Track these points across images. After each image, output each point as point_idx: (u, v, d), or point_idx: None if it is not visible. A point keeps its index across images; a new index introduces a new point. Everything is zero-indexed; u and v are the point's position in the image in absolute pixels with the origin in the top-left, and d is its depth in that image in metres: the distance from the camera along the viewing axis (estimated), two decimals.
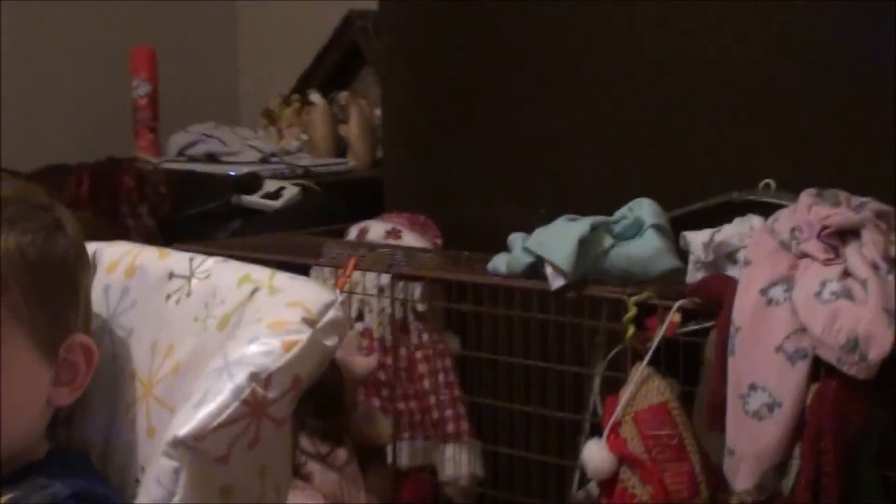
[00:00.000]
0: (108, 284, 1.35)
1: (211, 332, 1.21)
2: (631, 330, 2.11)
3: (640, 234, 2.27)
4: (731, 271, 2.08)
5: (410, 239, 2.86)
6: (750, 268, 2.00)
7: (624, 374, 2.15)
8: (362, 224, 2.91)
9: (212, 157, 3.52)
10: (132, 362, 1.29)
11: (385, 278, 2.73)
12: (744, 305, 1.96)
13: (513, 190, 2.91)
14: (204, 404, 1.09)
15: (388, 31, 3.19)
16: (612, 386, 2.21)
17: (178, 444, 1.07)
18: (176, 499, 1.07)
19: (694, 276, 2.15)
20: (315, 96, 3.70)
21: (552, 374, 2.37)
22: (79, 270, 1.28)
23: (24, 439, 1.21)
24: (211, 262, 1.28)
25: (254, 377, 1.10)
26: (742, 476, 1.94)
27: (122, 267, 1.35)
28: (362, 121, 3.63)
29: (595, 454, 2.08)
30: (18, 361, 1.19)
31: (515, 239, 2.29)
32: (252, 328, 1.14)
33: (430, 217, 2.95)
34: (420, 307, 2.74)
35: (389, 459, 2.58)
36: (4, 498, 1.16)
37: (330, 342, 1.14)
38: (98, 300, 1.33)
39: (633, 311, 2.11)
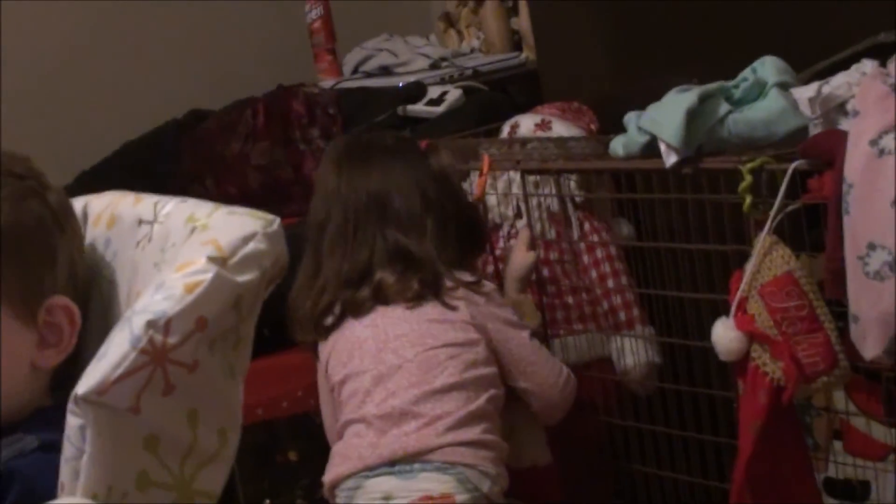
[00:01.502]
0: (94, 238, 1.35)
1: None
2: (748, 199, 1.99)
3: (762, 94, 2.13)
4: (845, 125, 1.93)
5: (561, 128, 2.77)
6: (858, 118, 1.85)
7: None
8: (513, 119, 2.84)
9: (385, 70, 3.50)
10: (117, 313, 1.28)
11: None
12: (854, 160, 1.82)
13: (670, 61, 2.79)
14: (104, 357, 1.07)
15: None
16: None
17: (78, 401, 1.06)
18: (85, 457, 1.05)
19: (813, 133, 2.01)
20: None
21: (685, 254, 2.28)
22: (56, 235, 1.27)
23: (12, 400, 1.22)
24: (171, 205, 1.27)
25: (151, 325, 1.07)
26: (870, 343, 1.82)
27: (104, 219, 1.35)
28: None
29: (723, 335, 1.98)
30: None
31: (630, 118, 2.19)
32: (163, 274, 1.12)
33: (588, 102, 2.86)
34: (578, 198, 2.67)
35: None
36: None
37: (244, 277, 1.10)
38: (88, 254, 1.33)
39: (748, 180, 1.99)
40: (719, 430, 2.39)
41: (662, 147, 2.10)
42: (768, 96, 2.12)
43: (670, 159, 2.08)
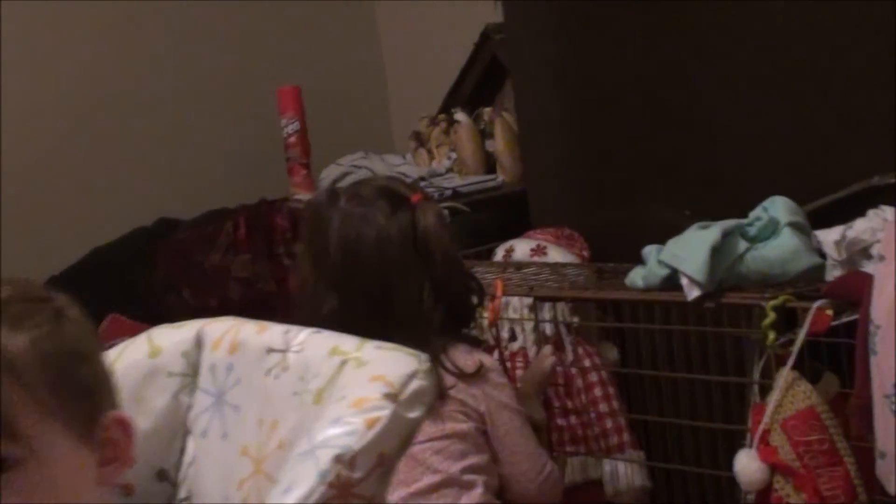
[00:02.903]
0: (213, 363, 1.38)
1: (308, 406, 1.23)
2: (771, 336, 2.08)
3: (775, 233, 2.23)
4: (868, 267, 2.03)
5: (556, 254, 2.86)
6: (884, 263, 1.95)
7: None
8: (508, 244, 2.92)
9: None
10: (242, 440, 1.32)
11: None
12: (881, 303, 1.92)
13: (657, 192, 2.89)
14: (291, 490, 1.11)
15: (514, 41, 3.19)
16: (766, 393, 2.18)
17: None
18: None
19: (831, 273, 2.10)
20: (460, 114, 3.71)
21: (699, 384, 2.35)
22: (93, 350, 1.30)
23: None
24: (304, 335, 1.30)
25: (338, 459, 1.11)
26: None
27: (225, 344, 1.38)
28: (508, 134, 3.63)
29: (746, 465, 2.06)
30: (60, 456, 1.19)
31: (650, 252, 2.27)
32: (336, 407, 1.16)
33: (576, 228, 2.95)
34: (574, 323, 2.74)
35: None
36: None
37: (414, 414, 1.15)
38: (206, 379, 1.37)
39: (771, 317, 2.07)
40: None
41: (685, 281, 2.18)
42: (782, 235, 2.22)
43: (693, 293, 2.17)
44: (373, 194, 2.25)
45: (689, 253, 2.17)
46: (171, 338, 1.43)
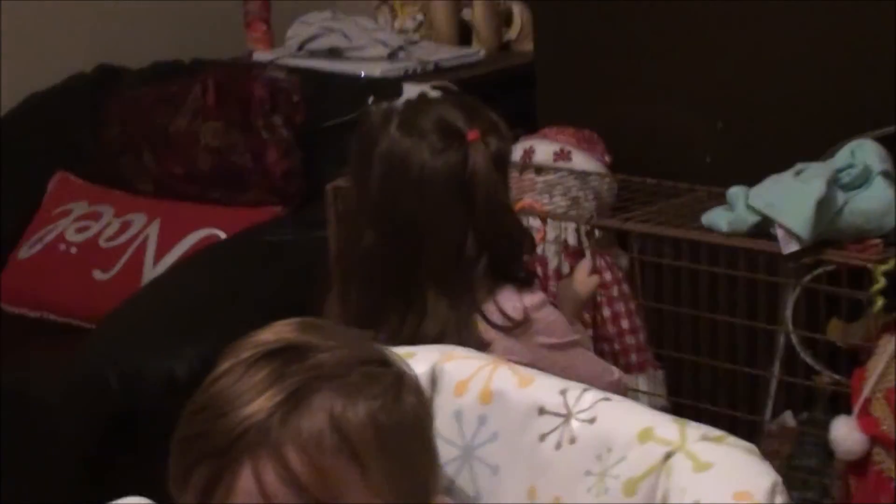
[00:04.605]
0: (459, 410, 1.21)
1: (614, 494, 1.09)
2: (880, 301, 1.99)
3: (868, 182, 2.13)
4: None
5: (580, 159, 2.72)
6: None
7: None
8: (527, 143, 2.76)
9: (336, 53, 3.34)
10: (501, 502, 1.18)
11: (559, 202, 2.62)
12: None
13: (684, 98, 2.76)
14: None
15: None
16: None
17: None
18: None
19: None
20: None
21: (742, 331, 2.27)
22: (428, 424, 1.15)
23: None
24: (589, 398, 1.16)
25: None
26: None
27: (474, 389, 1.21)
28: (487, 3, 3.45)
29: (846, 434, 1.99)
30: None
31: (737, 195, 2.16)
32: None
33: (591, 126, 2.81)
34: (597, 232, 2.62)
35: None
36: None
37: None
38: (448, 425, 1.20)
39: (881, 283, 1.99)
40: None
41: (781, 233, 2.07)
42: (874, 185, 2.12)
43: (790, 247, 2.06)
44: (427, 124, 2.06)
45: (791, 205, 2.06)
46: None
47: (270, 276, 2.72)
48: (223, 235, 2.96)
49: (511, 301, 2.07)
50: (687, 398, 2.36)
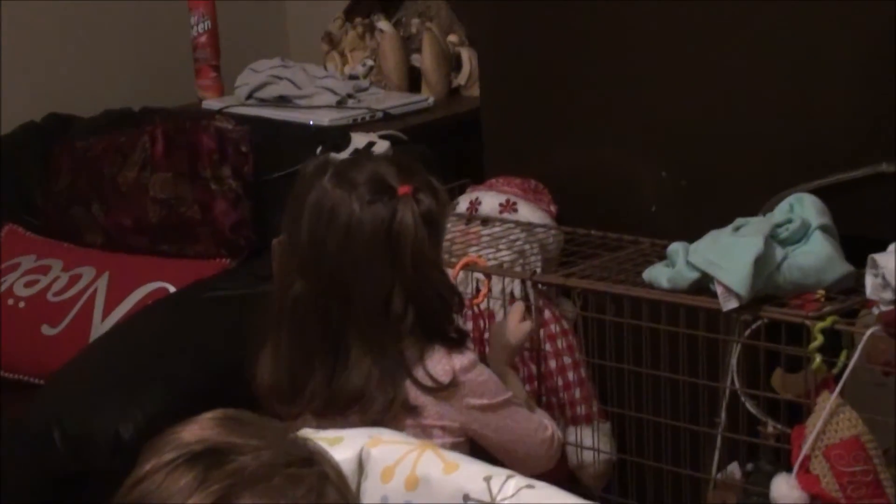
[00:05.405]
0: (385, 496, 1.22)
1: None
2: (818, 359, 2.01)
3: (806, 237, 2.15)
4: None
5: (526, 210, 2.73)
6: None
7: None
8: (474, 194, 2.77)
9: (285, 101, 3.35)
10: None
11: (504, 255, 2.62)
12: None
13: (630, 146, 2.77)
14: None
15: None
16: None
17: None
18: None
19: (878, 293, 2.02)
20: (383, 24, 3.51)
21: (684, 386, 2.28)
22: None
23: None
24: (514, 486, 1.16)
25: None
26: None
27: (400, 476, 1.22)
28: (436, 49, 3.46)
29: (786, 493, 2.00)
30: None
31: (677, 251, 2.17)
32: None
33: (537, 177, 2.82)
34: (541, 286, 2.62)
35: None
36: None
37: None
38: None
39: (819, 339, 2.00)
40: None
41: (720, 290, 2.09)
42: (813, 240, 2.14)
43: (730, 304, 2.08)
44: (360, 178, 2.07)
45: (729, 262, 2.07)
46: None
47: (218, 330, 2.71)
48: (172, 288, 2.95)
49: (440, 364, 2.09)
50: (630, 454, 2.37)
